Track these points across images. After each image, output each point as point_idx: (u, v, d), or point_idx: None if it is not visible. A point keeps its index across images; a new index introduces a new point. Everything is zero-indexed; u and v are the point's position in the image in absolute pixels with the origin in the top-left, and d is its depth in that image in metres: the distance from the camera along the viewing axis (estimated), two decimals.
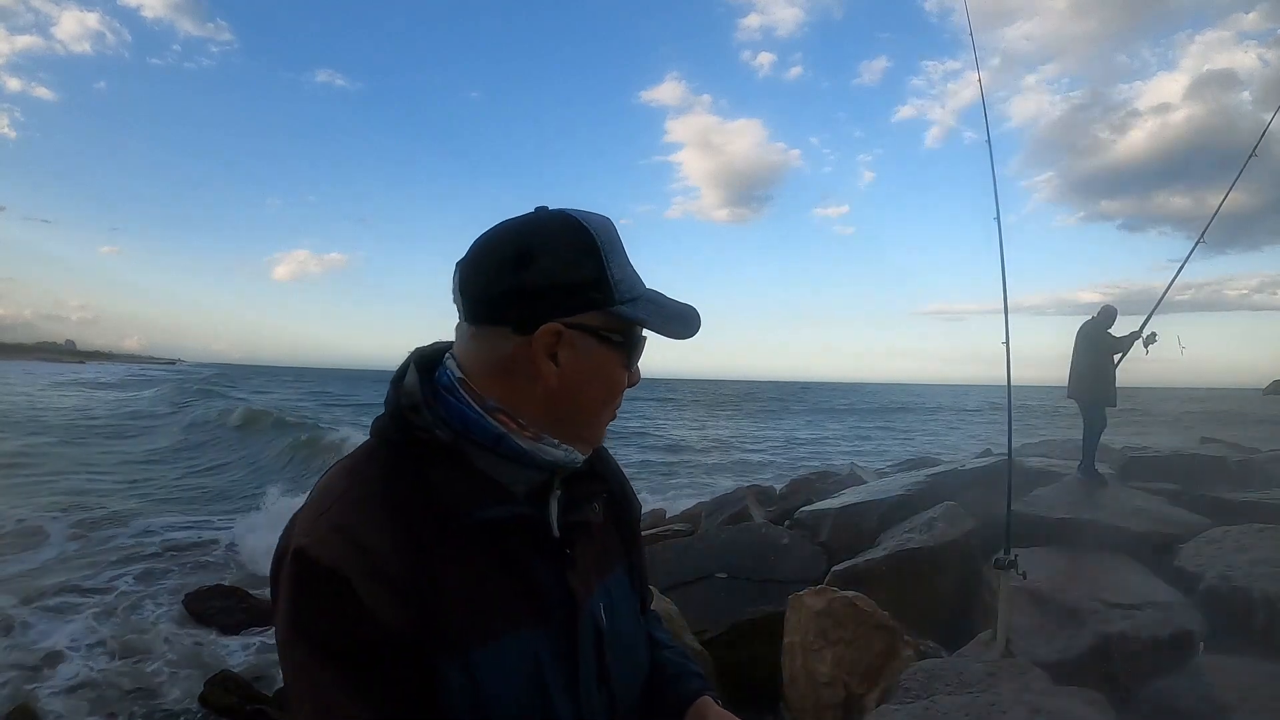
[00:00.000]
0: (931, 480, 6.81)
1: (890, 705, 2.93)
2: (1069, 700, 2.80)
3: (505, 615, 0.67)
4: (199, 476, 15.23)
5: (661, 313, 0.73)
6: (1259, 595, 3.69)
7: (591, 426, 0.75)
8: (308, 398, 43.55)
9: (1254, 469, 7.34)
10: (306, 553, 0.62)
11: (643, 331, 0.74)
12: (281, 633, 0.64)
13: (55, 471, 14.05)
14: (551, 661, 0.69)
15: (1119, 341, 6.28)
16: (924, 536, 5.06)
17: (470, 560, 0.66)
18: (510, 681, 0.66)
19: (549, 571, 0.71)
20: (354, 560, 0.61)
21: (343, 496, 0.66)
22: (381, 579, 0.62)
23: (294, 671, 0.63)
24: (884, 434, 31.51)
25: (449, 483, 0.67)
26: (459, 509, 0.66)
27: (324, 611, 0.61)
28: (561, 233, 0.69)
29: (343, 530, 0.63)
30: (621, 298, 0.70)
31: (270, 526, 8.57)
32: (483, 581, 0.67)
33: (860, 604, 3.87)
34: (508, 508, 0.68)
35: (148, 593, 7.27)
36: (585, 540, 0.77)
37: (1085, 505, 5.59)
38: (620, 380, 0.74)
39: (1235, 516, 5.09)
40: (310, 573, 0.62)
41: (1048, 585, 4.22)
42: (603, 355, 0.71)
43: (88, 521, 9.86)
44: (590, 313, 0.69)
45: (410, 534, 0.64)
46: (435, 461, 0.68)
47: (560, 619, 0.71)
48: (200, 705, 4.95)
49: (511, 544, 0.69)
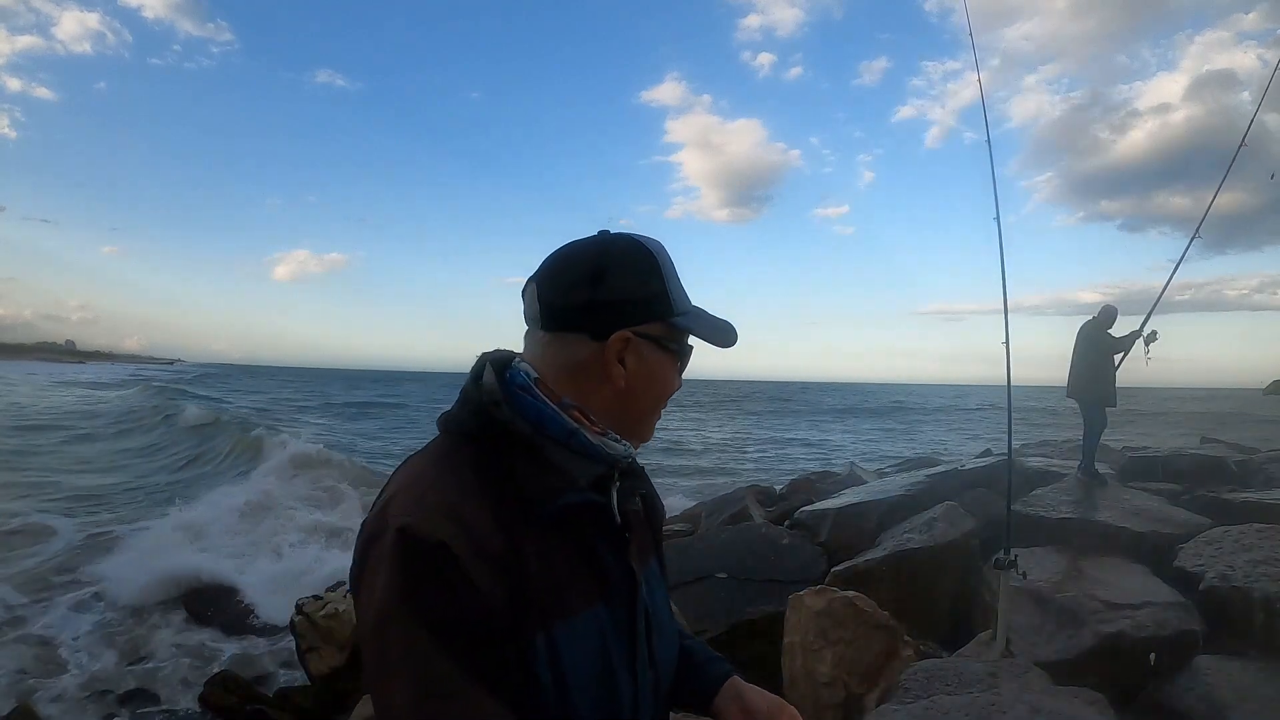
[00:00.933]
0: (931, 480, 6.81)
1: (890, 705, 2.93)
2: (1069, 700, 2.80)
3: (580, 593, 0.74)
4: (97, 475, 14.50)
5: (710, 325, 0.84)
6: (1259, 595, 3.69)
7: (645, 425, 0.84)
8: (280, 401, 41.35)
9: (1254, 469, 7.34)
10: (413, 530, 0.67)
11: (690, 341, 0.84)
12: (380, 609, 0.67)
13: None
14: (614, 637, 0.76)
15: (1120, 341, 6.28)
16: (924, 536, 5.06)
17: (551, 542, 0.73)
18: (584, 655, 0.73)
19: (612, 554, 0.79)
20: (460, 536, 0.67)
21: (438, 481, 0.72)
22: (484, 555, 0.67)
23: (396, 645, 0.65)
24: (884, 434, 31.52)
25: (530, 472, 0.74)
26: (540, 496, 0.73)
27: (433, 585, 0.66)
28: (629, 253, 0.80)
29: (446, 509, 0.69)
30: (678, 310, 0.81)
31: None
32: (561, 562, 0.73)
33: (860, 604, 3.87)
34: (581, 495, 0.76)
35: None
36: (637, 529, 0.86)
37: (1085, 505, 5.58)
38: (672, 384, 0.84)
39: (1235, 516, 5.08)
40: (419, 548, 0.66)
41: (1048, 585, 4.22)
42: (661, 361, 0.81)
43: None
44: (653, 323, 0.80)
45: (502, 516, 0.71)
46: (515, 453, 0.75)
47: (622, 598, 0.79)
48: (200, 705, 4.96)
49: (583, 529, 0.77)
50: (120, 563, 7.77)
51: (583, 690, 0.72)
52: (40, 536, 9.03)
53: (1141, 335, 6.03)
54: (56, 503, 11.22)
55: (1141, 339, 6.03)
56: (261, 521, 9.64)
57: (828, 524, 6.10)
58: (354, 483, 12.42)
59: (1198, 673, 3.30)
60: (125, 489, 13.20)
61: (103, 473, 14.92)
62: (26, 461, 15.47)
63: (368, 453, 19.75)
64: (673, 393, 0.85)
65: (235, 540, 8.90)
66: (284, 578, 7.37)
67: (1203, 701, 3.12)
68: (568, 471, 0.76)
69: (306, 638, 5.76)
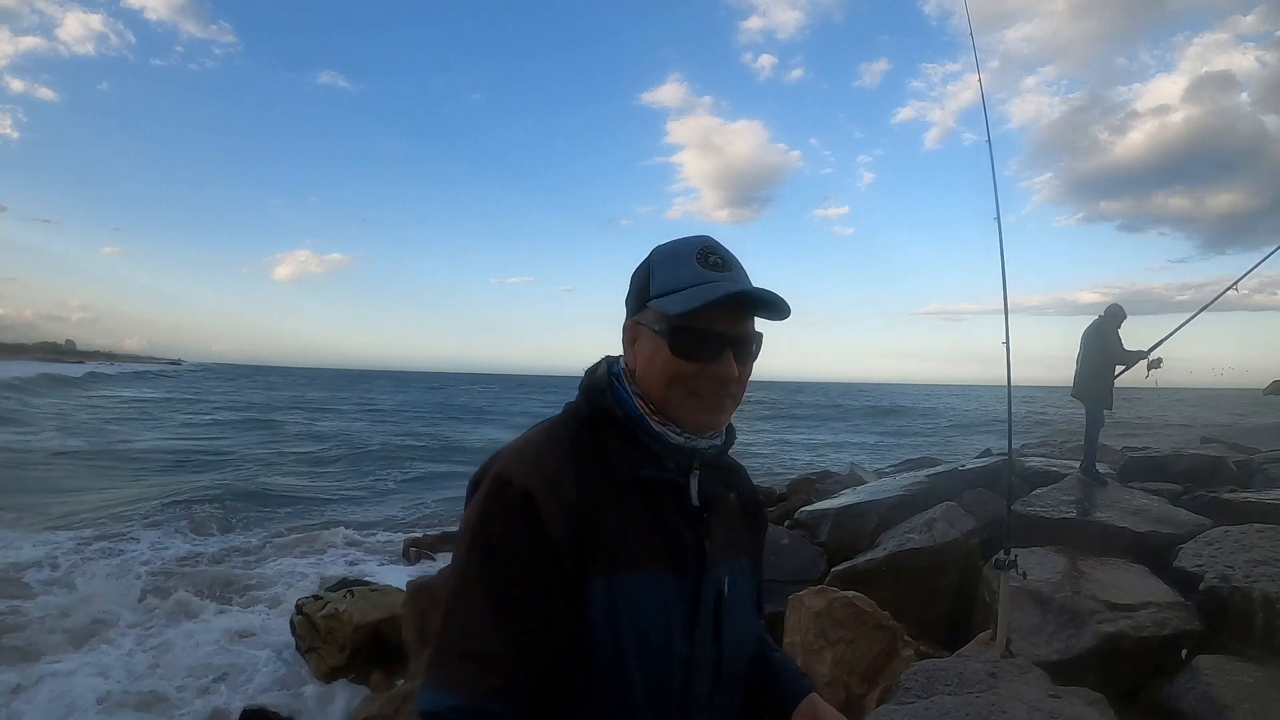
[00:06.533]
0: (931, 480, 6.82)
1: (890, 705, 2.92)
2: (1069, 700, 2.80)
3: (648, 554, 0.82)
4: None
5: (681, 298, 0.85)
6: (1259, 595, 3.68)
7: (668, 408, 0.88)
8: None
9: (1254, 469, 7.34)
10: (505, 474, 0.80)
11: (694, 323, 0.85)
12: (462, 534, 0.80)
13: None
14: (678, 604, 0.83)
15: (1126, 354, 6.25)
16: (924, 536, 5.06)
17: (627, 507, 0.83)
18: (642, 610, 0.80)
19: (689, 532, 0.86)
20: (540, 483, 0.79)
21: (538, 444, 0.85)
22: (560, 501, 0.78)
23: (461, 560, 0.79)
24: (884, 434, 31.51)
25: (619, 448, 0.86)
26: (623, 467, 0.84)
27: (507, 520, 0.78)
28: (649, 254, 0.92)
29: (535, 463, 0.81)
30: (655, 294, 0.87)
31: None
32: (634, 525, 0.82)
33: (860, 604, 3.87)
34: (659, 472, 0.85)
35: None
36: (720, 517, 0.92)
37: (1085, 505, 5.58)
38: (670, 365, 0.86)
39: (1235, 516, 5.08)
40: (504, 490, 0.79)
41: (1048, 585, 4.22)
42: (652, 342, 0.88)
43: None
44: (643, 311, 0.89)
45: (585, 476, 0.82)
46: (612, 433, 0.87)
47: (692, 571, 0.85)
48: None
49: (661, 503, 0.85)
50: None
51: (636, 645, 0.79)
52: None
53: (1147, 359, 6.01)
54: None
55: (1146, 361, 6.01)
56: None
57: (828, 524, 6.10)
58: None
59: (1198, 673, 3.29)
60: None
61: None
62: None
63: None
64: (680, 375, 0.86)
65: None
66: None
67: (1203, 701, 3.12)
68: (654, 451, 0.86)
69: (306, 638, 5.76)
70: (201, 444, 21.45)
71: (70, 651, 5.88)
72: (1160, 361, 5.95)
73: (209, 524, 10.82)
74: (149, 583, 7.69)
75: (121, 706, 5.07)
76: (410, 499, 14.02)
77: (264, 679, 5.58)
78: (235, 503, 12.52)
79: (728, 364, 0.86)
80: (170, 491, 12.98)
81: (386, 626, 5.68)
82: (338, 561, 9.04)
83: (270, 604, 7.23)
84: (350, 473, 17.27)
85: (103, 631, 6.31)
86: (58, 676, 5.36)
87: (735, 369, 0.87)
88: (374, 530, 11.03)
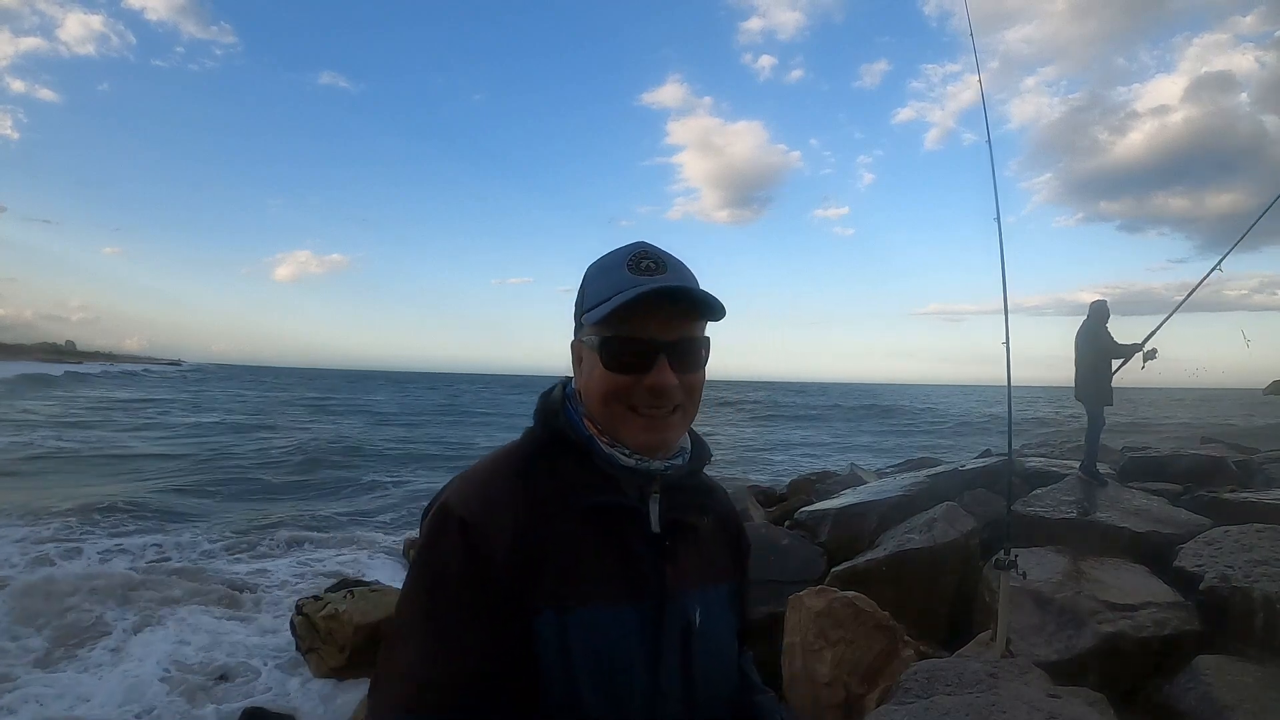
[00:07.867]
0: (931, 480, 6.82)
1: (890, 705, 2.92)
2: (1069, 700, 2.80)
3: (602, 585, 0.78)
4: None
5: (608, 304, 0.80)
6: (1259, 595, 3.69)
7: (611, 427, 0.83)
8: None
9: (1254, 469, 7.34)
10: (448, 503, 0.79)
11: (622, 331, 0.80)
12: (408, 573, 0.79)
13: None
14: (638, 636, 0.79)
15: (1120, 348, 6.25)
16: (924, 536, 5.06)
17: (580, 535, 0.79)
18: (596, 644, 0.76)
19: (649, 559, 0.82)
20: (484, 512, 0.76)
21: (486, 470, 0.83)
22: (500, 528, 0.76)
23: (405, 588, 0.78)
24: (884, 434, 31.50)
25: (574, 473, 0.82)
26: (577, 493, 0.80)
27: (446, 548, 0.76)
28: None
29: (480, 491, 0.79)
30: (589, 306, 0.83)
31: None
32: (587, 554, 0.78)
33: (860, 604, 3.87)
34: (614, 498, 0.81)
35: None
36: (687, 543, 0.86)
37: (1085, 505, 5.59)
38: (607, 380, 0.82)
39: (1235, 516, 5.08)
40: (445, 518, 0.77)
41: (1048, 585, 4.21)
42: (589, 358, 0.84)
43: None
44: (581, 328, 0.86)
45: (535, 504, 0.78)
46: (567, 455, 0.83)
47: (652, 600, 0.80)
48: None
49: (618, 529, 0.81)
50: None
51: (591, 679, 0.75)
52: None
53: (1142, 350, 6.01)
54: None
55: (1141, 354, 6.01)
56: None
57: (828, 524, 6.10)
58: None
59: (1198, 673, 3.30)
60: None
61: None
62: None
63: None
64: (618, 390, 0.81)
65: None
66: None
67: (1203, 701, 3.12)
68: (612, 476, 0.82)
69: (306, 638, 5.76)
70: (202, 444, 21.44)
71: (70, 651, 5.88)
72: (1155, 352, 5.93)
73: (207, 524, 10.80)
74: (149, 582, 7.68)
75: (122, 706, 5.07)
76: (410, 499, 14.01)
77: (264, 679, 5.58)
78: (234, 503, 12.52)
79: (662, 371, 0.80)
80: (168, 489, 12.98)
81: (386, 627, 5.67)
82: (337, 562, 9.03)
83: (270, 605, 7.23)
84: (350, 473, 17.25)
85: (99, 634, 6.31)
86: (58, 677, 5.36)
87: (672, 377, 0.80)
88: (374, 531, 11.03)
